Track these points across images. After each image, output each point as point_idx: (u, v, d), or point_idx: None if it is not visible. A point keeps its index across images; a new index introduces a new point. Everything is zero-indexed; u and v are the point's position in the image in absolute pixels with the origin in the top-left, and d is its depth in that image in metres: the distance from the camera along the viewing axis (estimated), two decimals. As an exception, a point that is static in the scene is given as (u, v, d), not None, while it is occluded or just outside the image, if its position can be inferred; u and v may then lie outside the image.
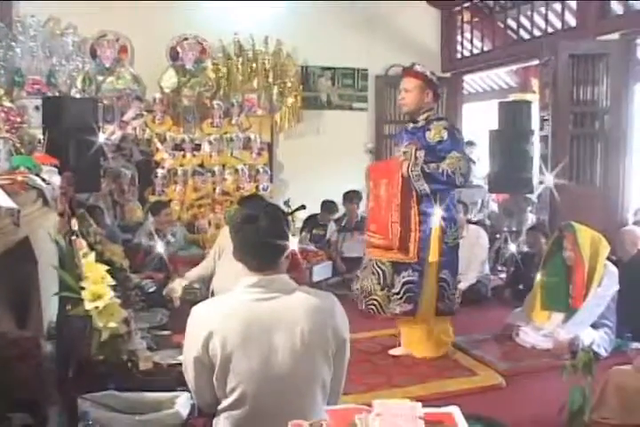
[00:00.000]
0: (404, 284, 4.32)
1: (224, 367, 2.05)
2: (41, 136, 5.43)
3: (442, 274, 4.39)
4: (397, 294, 4.35)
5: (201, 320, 2.10)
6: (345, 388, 2.34)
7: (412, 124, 4.49)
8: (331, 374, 2.18)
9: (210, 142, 7.66)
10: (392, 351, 4.64)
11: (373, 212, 4.41)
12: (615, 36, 6.36)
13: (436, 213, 4.28)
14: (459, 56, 9.30)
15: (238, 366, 2.04)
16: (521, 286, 6.07)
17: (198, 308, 2.16)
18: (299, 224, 7.50)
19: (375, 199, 4.38)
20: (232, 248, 2.19)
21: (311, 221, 7.53)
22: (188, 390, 2.32)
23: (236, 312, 2.07)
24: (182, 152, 7.58)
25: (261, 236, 2.12)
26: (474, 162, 8.47)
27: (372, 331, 5.06)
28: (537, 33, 7.86)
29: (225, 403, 2.11)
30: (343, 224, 7.33)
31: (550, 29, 7.63)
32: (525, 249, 6.55)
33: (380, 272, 4.43)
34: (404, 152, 4.40)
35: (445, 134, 4.26)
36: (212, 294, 4.60)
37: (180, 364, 2.31)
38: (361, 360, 4.33)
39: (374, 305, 4.45)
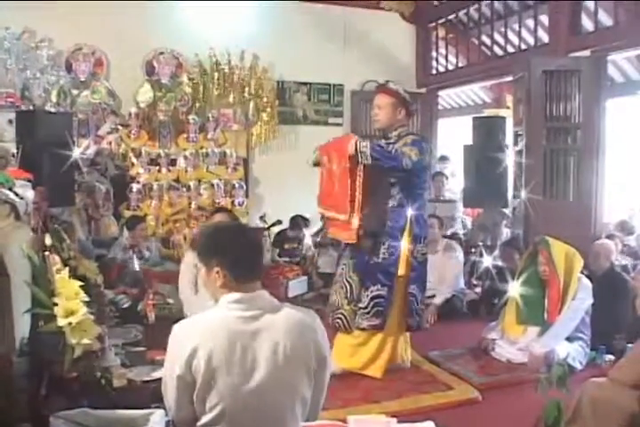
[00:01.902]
0: (372, 298, 4.27)
1: (206, 384, 2.03)
2: (14, 150, 5.38)
3: (410, 289, 4.36)
4: (365, 308, 4.29)
5: (183, 338, 2.09)
6: (320, 403, 2.33)
7: (384, 141, 4.48)
8: (311, 390, 2.18)
9: (185, 157, 7.64)
10: None
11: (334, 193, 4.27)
12: (586, 52, 6.47)
13: (405, 230, 4.26)
14: (434, 72, 9.39)
15: (221, 382, 2.03)
16: (496, 301, 6.09)
17: (180, 325, 2.14)
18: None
19: (331, 180, 4.28)
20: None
21: (281, 237, 7.52)
22: (163, 407, 2.29)
23: (218, 329, 2.07)
24: (158, 167, 7.56)
25: (252, 248, 2.19)
26: (446, 177, 8.53)
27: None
28: (510, 49, 7.97)
29: (204, 419, 2.09)
30: (319, 240, 7.32)
31: (523, 46, 7.75)
32: (501, 263, 6.58)
33: (348, 286, 4.38)
34: None
35: (410, 140, 4.25)
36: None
37: (154, 380, 2.30)
38: (336, 375, 4.31)
39: (340, 319, 4.38)
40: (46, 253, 2.89)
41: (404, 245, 4.28)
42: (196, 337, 2.06)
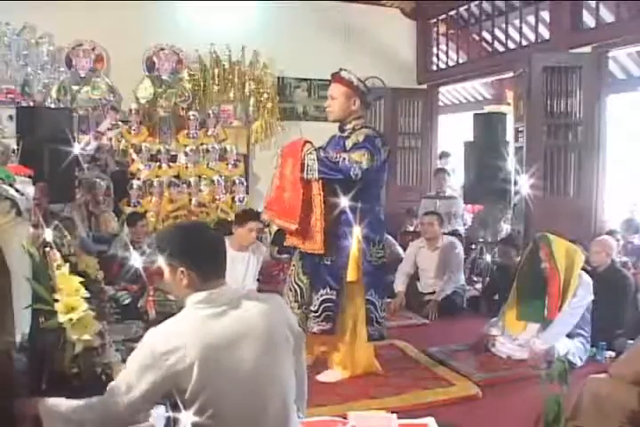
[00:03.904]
0: (322, 302, 4.08)
1: (196, 388, 1.96)
2: (15, 146, 5.39)
3: (367, 295, 4.15)
4: (315, 312, 4.10)
5: (159, 345, 2.00)
6: (320, 399, 2.33)
7: (339, 133, 4.37)
8: (294, 369, 2.21)
9: (186, 153, 7.65)
10: (322, 378, 4.12)
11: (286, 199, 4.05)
12: (587, 48, 6.46)
13: (354, 232, 4.01)
14: (434, 68, 9.38)
15: (211, 384, 1.97)
16: (496, 297, 6.09)
17: (151, 333, 2.06)
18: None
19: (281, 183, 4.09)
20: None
21: (281, 234, 7.48)
22: (164, 404, 2.28)
23: (192, 331, 2.02)
24: (158, 163, 7.57)
25: (216, 246, 2.19)
26: (448, 173, 8.51)
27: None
28: (511, 45, 7.96)
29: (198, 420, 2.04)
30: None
31: (524, 42, 7.73)
32: (500, 260, 6.58)
33: (297, 289, 4.19)
34: None
35: (362, 138, 4.10)
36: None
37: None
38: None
39: None
40: (47, 249, 2.88)
41: (354, 247, 4.03)
42: (172, 343, 1.98)
